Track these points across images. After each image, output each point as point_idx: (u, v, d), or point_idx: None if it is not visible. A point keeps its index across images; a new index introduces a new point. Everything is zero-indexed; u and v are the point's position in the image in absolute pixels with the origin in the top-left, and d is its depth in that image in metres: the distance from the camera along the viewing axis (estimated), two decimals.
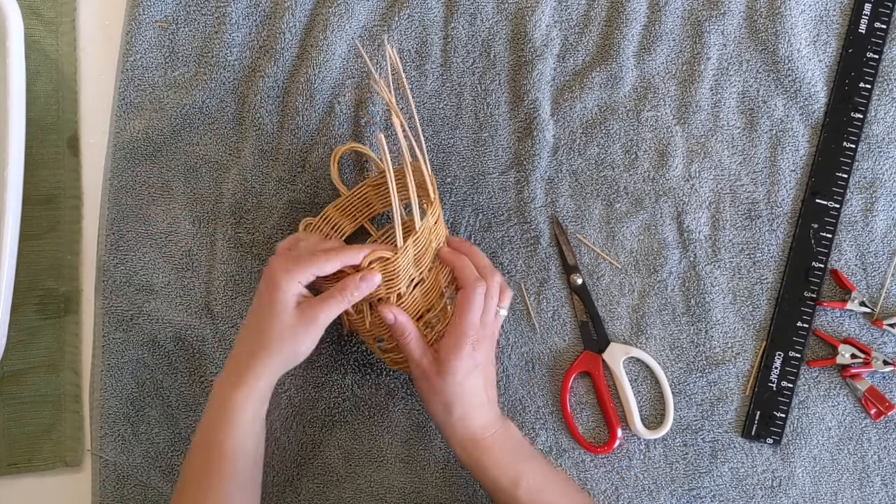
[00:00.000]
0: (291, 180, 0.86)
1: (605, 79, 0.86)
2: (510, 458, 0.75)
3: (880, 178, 0.85)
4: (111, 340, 0.85)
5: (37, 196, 0.86)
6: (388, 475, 0.83)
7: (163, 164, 0.87)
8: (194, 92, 0.87)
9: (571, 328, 0.85)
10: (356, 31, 0.87)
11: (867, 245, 0.85)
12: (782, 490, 0.83)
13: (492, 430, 0.75)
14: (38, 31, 0.88)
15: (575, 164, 0.86)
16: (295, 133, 0.86)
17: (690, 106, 0.86)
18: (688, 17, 0.87)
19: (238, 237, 0.86)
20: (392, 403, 0.84)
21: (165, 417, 0.85)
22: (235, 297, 0.85)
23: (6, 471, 0.84)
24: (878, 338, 0.84)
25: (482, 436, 0.75)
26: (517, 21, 0.87)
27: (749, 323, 0.85)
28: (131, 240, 0.87)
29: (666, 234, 0.85)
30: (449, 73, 0.87)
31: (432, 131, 0.87)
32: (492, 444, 0.75)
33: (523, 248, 0.85)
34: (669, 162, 0.86)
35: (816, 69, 0.86)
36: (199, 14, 0.88)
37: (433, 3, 0.88)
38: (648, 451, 0.84)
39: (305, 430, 0.84)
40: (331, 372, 0.84)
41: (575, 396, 0.84)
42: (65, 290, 0.86)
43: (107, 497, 0.84)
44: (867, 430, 0.83)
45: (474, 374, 0.74)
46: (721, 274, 0.85)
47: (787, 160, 0.86)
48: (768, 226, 0.85)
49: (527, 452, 0.77)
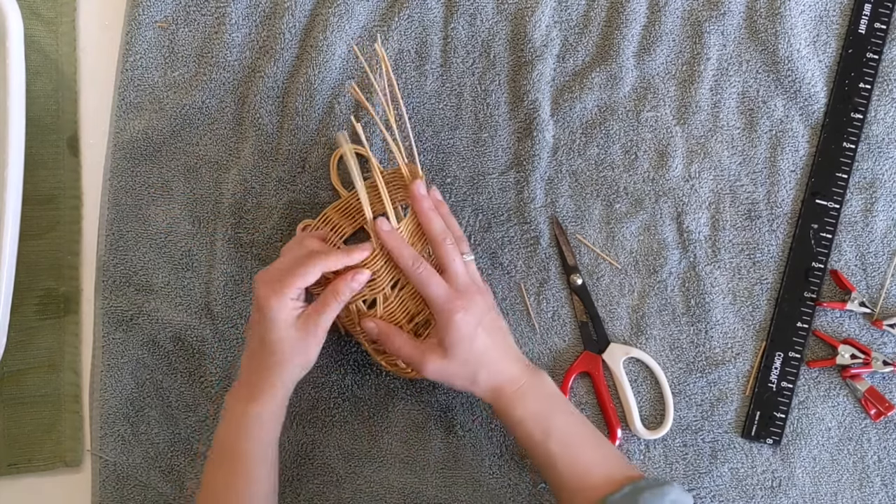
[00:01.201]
0: (291, 180, 0.86)
1: (605, 79, 0.86)
2: (542, 410, 0.73)
3: (880, 178, 0.85)
4: (111, 340, 0.85)
5: (37, 196, 0.86)
6: (388, 475, 0.83)
7: (163, 164, 0.87)
8: (194, 92, 0.87)
9: (571, 328, 0.85)
10: (356, 32, 0.87)
11: (867, 245, 0.85)
12: (782, 490, 0.83)
13: (521, 382, 0.74)
14: (38, 31, 0.88)
15: (575, 165, 0.86)
16: (295, 133, 0.86)
17: (690, 106, 0.86)
18: (688, 17, 0.87)
19: (238, 237, 0.86)
20: (392, 403, 0.84)
21: (165, 417, 0.85)
22: (235, 297, 0.85)
23: (6, 471, 0.84)
24: (878, 338, 0.84)
25: (512, 390, 0.73)
26: (517, 21, 0.87)
27: (749, 323, 0.85)
28: (131, 240, 0.87)
29: (666, 235, 0.85)
30: (449, 74, 0.87)
31: (432, 131, 0.87)
32: (523, 397, 0.73)
33: (523, 248, 0.85)
34: (669, 162, 0.86)
35: (816, 69, 0.86)
36: (198, 14, 0.88)
37: (433, 3, 0.88)
38: (648, 451, 0.84)
39: (305, 430, 0.84)
40: (331, 372, 0.84)
41: (575, 396, 0.84)
42: (65, 290, 0.86)
43: (107, 497, 0.84)
44: (867, 431, 0.83)
45: (479, 336, 0.73)
46: (721, 274, 0.85)
47: (786, 160, 0.86)
48: (768, 226, 0.85)
49: (559, 404, 0.75)
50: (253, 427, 0.73)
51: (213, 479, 0.75)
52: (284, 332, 0.73)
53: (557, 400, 0.75)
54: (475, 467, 0.83)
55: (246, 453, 0.73)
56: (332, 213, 0.83)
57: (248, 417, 0.73)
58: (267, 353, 0.73)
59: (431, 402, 0.84)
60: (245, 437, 0.73)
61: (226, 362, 0.85)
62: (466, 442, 0.83)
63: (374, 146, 0.86)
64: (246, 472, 0.72)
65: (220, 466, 0.74)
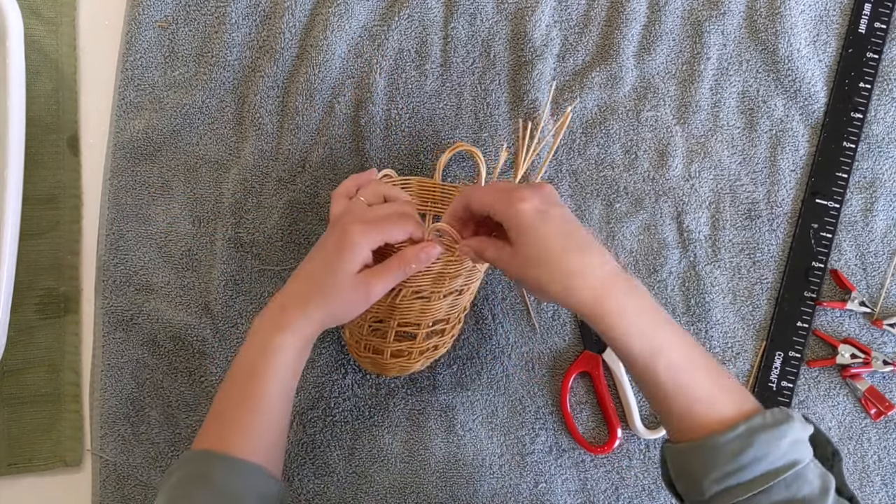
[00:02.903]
0: (291, 180, 0.86)
1: (605, 79, 0.86)
2: (646, 323, 0.63)
3: (880, 178, 0.85)
4: (111, 340, 0.85)
5: (37, 196, 0.86)
6: (388, 475, 0.83)
7: (163, 164, 0.87)
8: (194, 92, 0.87)
9: (571, 328, 0.85)
10: (356, 31, 0.87)
11: (867, 245, 0.85)
12: None
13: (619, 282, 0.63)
14: (38, 31, 0.88)
15: (575, 164, 0.86)
16: (295, 133, 0.86)
17: (690, 106, 0.86)
18: (688, 17, 0.87)
19: (238, 237, 0.86)
20: (392, 403, 0.84)
21: (165, 417, 0.85)
22: (235, 297, 0.85)
23: (6, 471, 0.84)
24: (878, 338, 0.84)
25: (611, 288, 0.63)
26: (517, 21, 0.87)
27: (749, 323, 0.85)
28: (131, 239, 0.87)
29: (666, 234, 0.85)
30: (449, 73, 0.87)
31: (432, 131, 0.87)
32: (624, 304, 0.63)
33: None
34: (669, 162, 0.86)
35: (816, 69, 0.86)
36: (198, 14, 0.88)
37: (433, 3, 0.88)
38: (648, 451, 0.83)
39: (305, 430, 0.84)
40: (331, 372, 0.84)
41: (575, 396, 0.84)
42: (65, 289, 0.86)
43: (107, 497, 0.84)
44: (867, 430, 0.83)
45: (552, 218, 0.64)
46: (721, 274, 0.85)
47: (787, 160, 0.86)
48: (768, 226, 0.85)
49: (663, 317, 0.64)
50: (275, 355, 0.68)
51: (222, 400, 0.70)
52: (345, 273, 0.68)
53: (662, 313, 0.65)
54: (475, 467, 0.83)
55: (260, 381, 0.68)
56: (416, 184, 0.82)
57: (272, 343, 0.68)
58: (313, 283, 0.69)
59: (431, 401, 0.84)
60: (264, 362, 0.68)
61: (226, 362, 0.85)
62: (466, 442, 0.83)
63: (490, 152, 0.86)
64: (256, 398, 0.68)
65: (232, 389, 0.69)
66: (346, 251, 0.68)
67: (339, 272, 0.68)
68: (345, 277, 0.69)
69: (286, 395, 0.69)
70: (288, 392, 0.69)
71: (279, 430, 0.69)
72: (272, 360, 0.68)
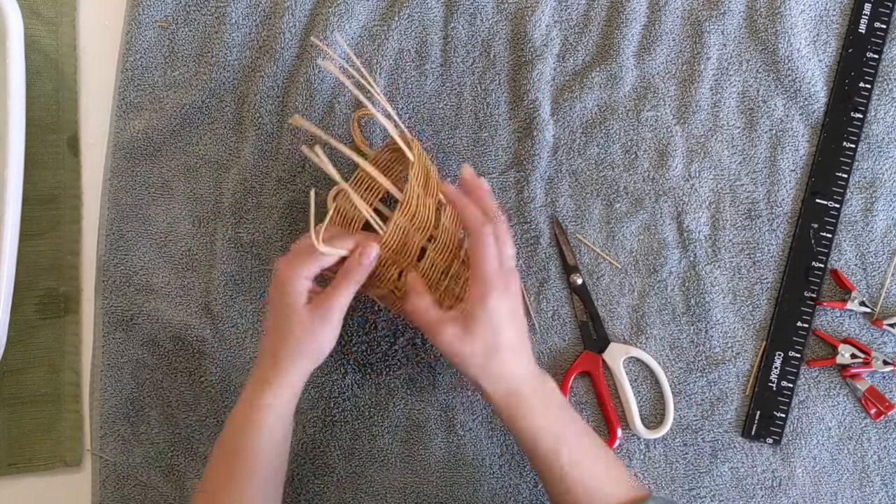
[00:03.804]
0: (291, 180, 0.86)
1: (605, 79, 0.86)
2: (553, 421, 0.70)
3: (880, 177, 0.85)
4: (111, 340, 0.85)
5: (37, 196, 0.86)
6: (388, 475, 0.83)
7: (163, 164, 0.87)
8: (194, 92, 0.87)
9: (571, 328, 0.85)
10: (356, 31, 0.87)
11: (867, 245, 0.85)
12: (782, 490, 0.83)
13: (532, 384, 0.70)
14: (38, 31, 0.88)
15: (575, 164, 0.86)
16: (295, 133, 0.86)
17: (690, 106, 0.86)
18: (688, 17, 0.87)
19: (238, 237, 0.86)
20: (392, 403, 0.84)
21: (165, 417, 0.85)
22: (235, 297, 0.85)
23: (6, 471, 0.84)
24: (878, 338, 0.84)
25: (523, 391, 0.70)
26: (517, 21, 0.87)
27: (749, 323, 0.85)
28: (131, 240, 0.87)
29: (666, 234, 0.85)
30: (449, 73, 0.87)
31: (432, 131, 0.87)
32: (532, 401, 0.70)
33: (523, 248, 0.85)
34: (669, 162, 0.86)
35: (816, 69, 0.86)
36: (198, 14, 0.88)
37: (433, 3, 0.88)
38: (648, 451, 0.84)
39: (305, 430, 0.84)
40: (331, 372, 0.84)
41: (575, 396, 0.84)
42: (65, 289, 0.86)
43: (107, 497, 0.84)
44: (867, 430, 0.83)
45: (506, 322, 0.69)
46: (721, 274, 0.85)
47: (787, 160, 0.86)
48: (768, 226, 0.85)
49: (567, 414, 0.72)
50: (257, 415, 0.70)
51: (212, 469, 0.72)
52: (295, 314, 0.69)
53: (567, 410, 0.72)
54: (475, 467, 0.83)
55: (245, 444, 0.70)
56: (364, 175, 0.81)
57: (254, 405, 0.70)
58: (276, 338, 0.71)
59: (431, 401, 0.84)
60: (247, 424, 0.70)
61: (226, 362, 0.85)
62: (466, 442, 0.83)
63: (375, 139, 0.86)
64: (242, 463, 0.70)
65: (220, 457, 0.71)
66: (281, 288, 0.70)
67: (289, 310, 0.70)
68: (296, 312, 0.70)
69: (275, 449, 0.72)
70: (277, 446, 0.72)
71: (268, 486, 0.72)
72: (256, 421, 0.70)
